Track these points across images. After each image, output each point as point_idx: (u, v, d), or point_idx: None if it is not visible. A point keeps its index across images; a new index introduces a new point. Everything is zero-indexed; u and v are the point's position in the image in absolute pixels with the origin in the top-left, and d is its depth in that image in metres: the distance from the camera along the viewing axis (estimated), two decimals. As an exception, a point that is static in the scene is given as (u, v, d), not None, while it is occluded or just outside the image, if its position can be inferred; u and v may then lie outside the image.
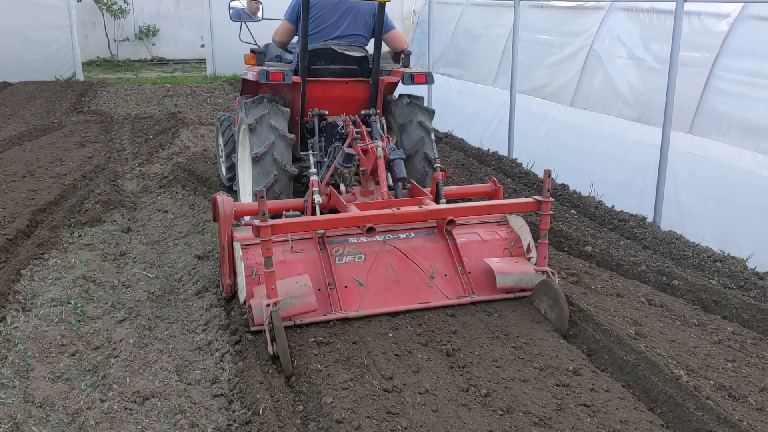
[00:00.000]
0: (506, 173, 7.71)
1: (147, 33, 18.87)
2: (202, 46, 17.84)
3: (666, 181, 5.90)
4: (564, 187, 7.00)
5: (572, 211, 6.39)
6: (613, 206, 6.40)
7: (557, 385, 3.42)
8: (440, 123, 10.31)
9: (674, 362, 3.60)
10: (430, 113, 5.40)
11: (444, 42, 13.07)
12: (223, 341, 3.88)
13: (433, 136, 5.25)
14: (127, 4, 18.01)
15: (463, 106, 10.30)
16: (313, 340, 3.77)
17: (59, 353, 3.74)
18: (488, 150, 8.70)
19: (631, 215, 6.11)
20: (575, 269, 4.94)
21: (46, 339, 3.83)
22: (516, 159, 8.10)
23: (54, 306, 4.22)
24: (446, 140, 9.50)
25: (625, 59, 8.13)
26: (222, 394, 3.42)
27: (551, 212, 4.20)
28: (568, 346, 3.86)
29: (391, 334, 3.88)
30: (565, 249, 5.41)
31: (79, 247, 5.28)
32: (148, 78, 16.00)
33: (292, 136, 4.94)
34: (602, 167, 6.93)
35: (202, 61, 17.94)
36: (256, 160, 4.76)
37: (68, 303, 4.28)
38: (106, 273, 4.88)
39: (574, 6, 10.33)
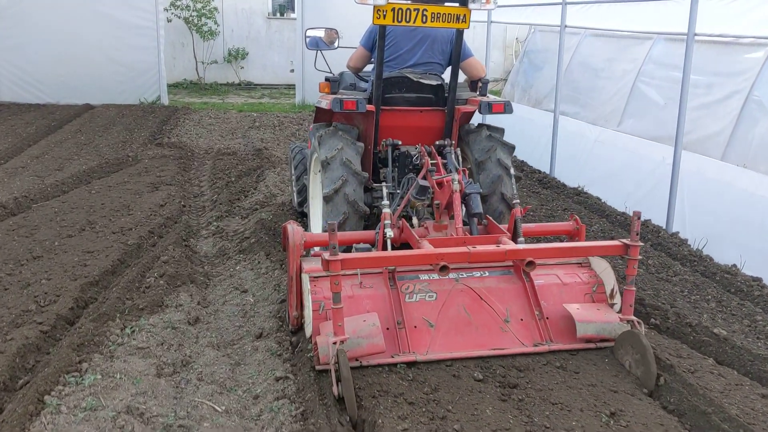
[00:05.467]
0: (669, 253, 6.03)
1: (236, 56, 18.07)
2: (292, 71, 16.90)
3: None
4: (758, 282, 5.29)
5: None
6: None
7: None
8: (570, 177, 8.68)
9: None
10: (510, 149, 5.13)
11: (554, 76, 11.46)
12: None
13: (512, 171, 5.00)
14: (218, 25, 17.24)
15: (598, 156, 8.67)
16: None
17: None
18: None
19: None
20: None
21: None
22: (678, 233, 6.40)
23: (78, 470, 2.90)
24: (578, 198, 7.89)
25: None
26: None
27: (640, 257, 3.92)
28: None
29: None
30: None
31: (130, 351, 3.97)
32: (235, 104, 15.06)
33: (365, 174, 4.83)
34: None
35: (291, 86, 16.99)
36: (327, 198, 4.66)
37: (99, 463, 2.95)
38: (159, 400, 3.53)
39: (726, 41, 8.60)
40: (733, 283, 5.30)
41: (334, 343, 3.44)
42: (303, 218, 6.08)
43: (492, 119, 10.05)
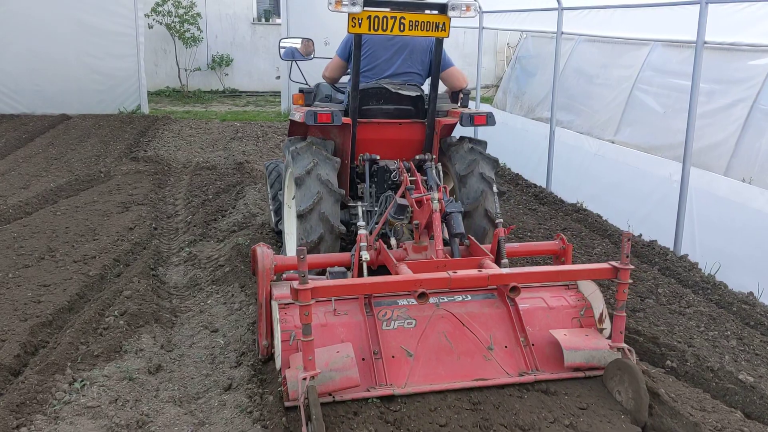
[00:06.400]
0: (679, 279, 5.58)
1: (220, 63, 17.58)
2: (277, 77, 16.42)
3: None
4: (781, 314, 4.85)
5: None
6: None
7: None
8: (567, 192, 8.22)
9: None
10: (493, 162, 4.91)
11: (547, 82, 11.06)
12: None
13: (495, 188, 4.73)
14: (201, 31, 16.74)
15: (597, 169, 8.21)
16: None
17: None
18: (639, 236, 6.58)
19: None
20: None
21: None
22: (687, 256, 5.95)
23: None
24: (577, 216, 7.43)
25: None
26: None
27: (630, 281, 3.58)
28: None
29: None
30: None
31: (78, 411, 3.47)
32: (218, 113, 14.56)
33: (342, 191, 4.58)
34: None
35: (277, 93, 16.52)
36: (302, 217, 4.42)
37: None
38: (106, 475, 3.05)
39: (727, 47, 8.19)
40: (752, 315, 4.85)
41: (304, 378, 3.16)
42: (281, 239, 5.65)
43: (480, 131, 9.59)
